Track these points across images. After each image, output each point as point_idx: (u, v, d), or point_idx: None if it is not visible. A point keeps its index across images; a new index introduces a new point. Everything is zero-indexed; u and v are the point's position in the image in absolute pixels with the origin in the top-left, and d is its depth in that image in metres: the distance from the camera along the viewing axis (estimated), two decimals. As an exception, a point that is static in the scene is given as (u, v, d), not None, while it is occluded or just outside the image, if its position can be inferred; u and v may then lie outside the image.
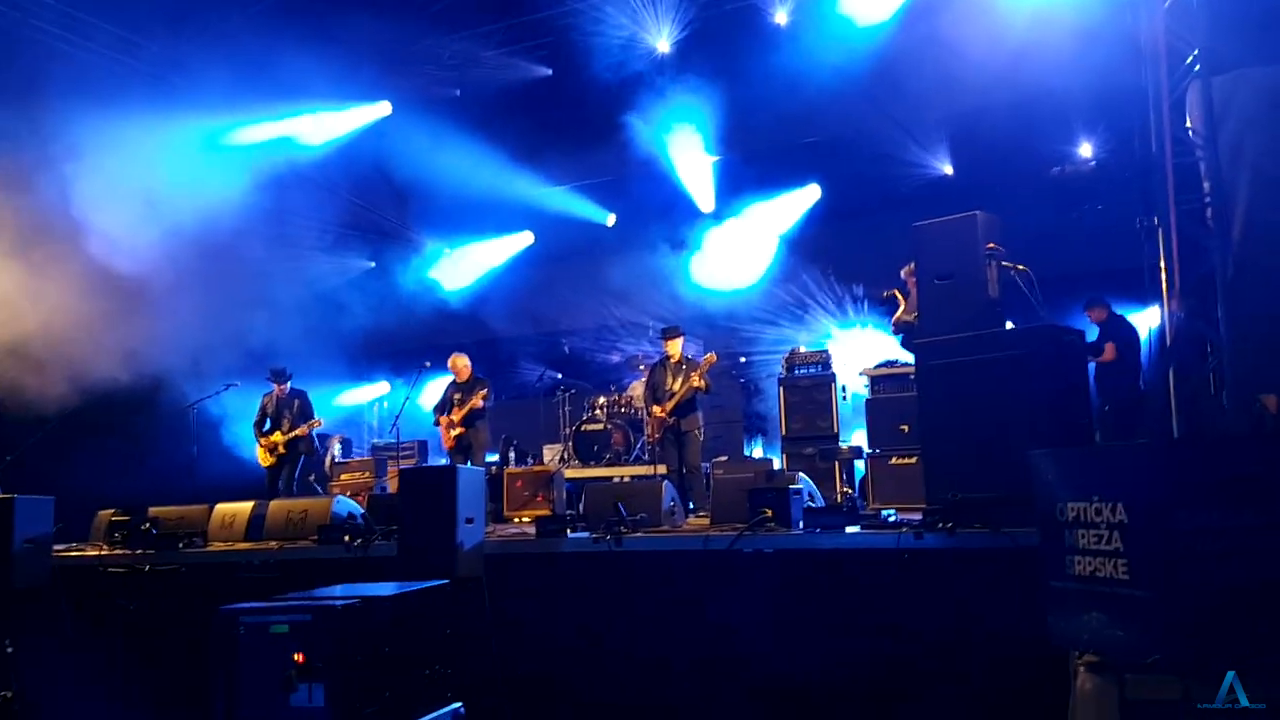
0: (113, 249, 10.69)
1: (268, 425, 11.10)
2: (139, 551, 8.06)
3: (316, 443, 11.65)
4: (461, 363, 10.88)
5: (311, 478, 12.83)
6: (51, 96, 10.19)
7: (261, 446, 11.13)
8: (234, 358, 11.72)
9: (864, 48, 11.42)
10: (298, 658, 3.74)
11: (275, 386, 11.18)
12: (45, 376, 10.29)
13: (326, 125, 13.31)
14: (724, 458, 10.70)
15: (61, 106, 10.19)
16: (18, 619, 7.33)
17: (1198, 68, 5.47)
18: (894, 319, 9.26)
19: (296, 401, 11.13)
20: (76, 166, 10.48)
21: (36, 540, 7.48)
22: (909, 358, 9.01)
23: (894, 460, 9.09)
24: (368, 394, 15.85)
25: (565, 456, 12.32)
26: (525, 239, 15.70)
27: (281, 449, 10.98)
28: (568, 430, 12.61)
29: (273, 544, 7.88)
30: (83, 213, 10.61)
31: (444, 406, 10.74)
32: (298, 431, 10.93)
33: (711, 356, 9.89)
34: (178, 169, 11.48)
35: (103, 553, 8.31)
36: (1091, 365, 9.60)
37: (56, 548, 8.04)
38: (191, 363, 11.60)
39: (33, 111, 10.04)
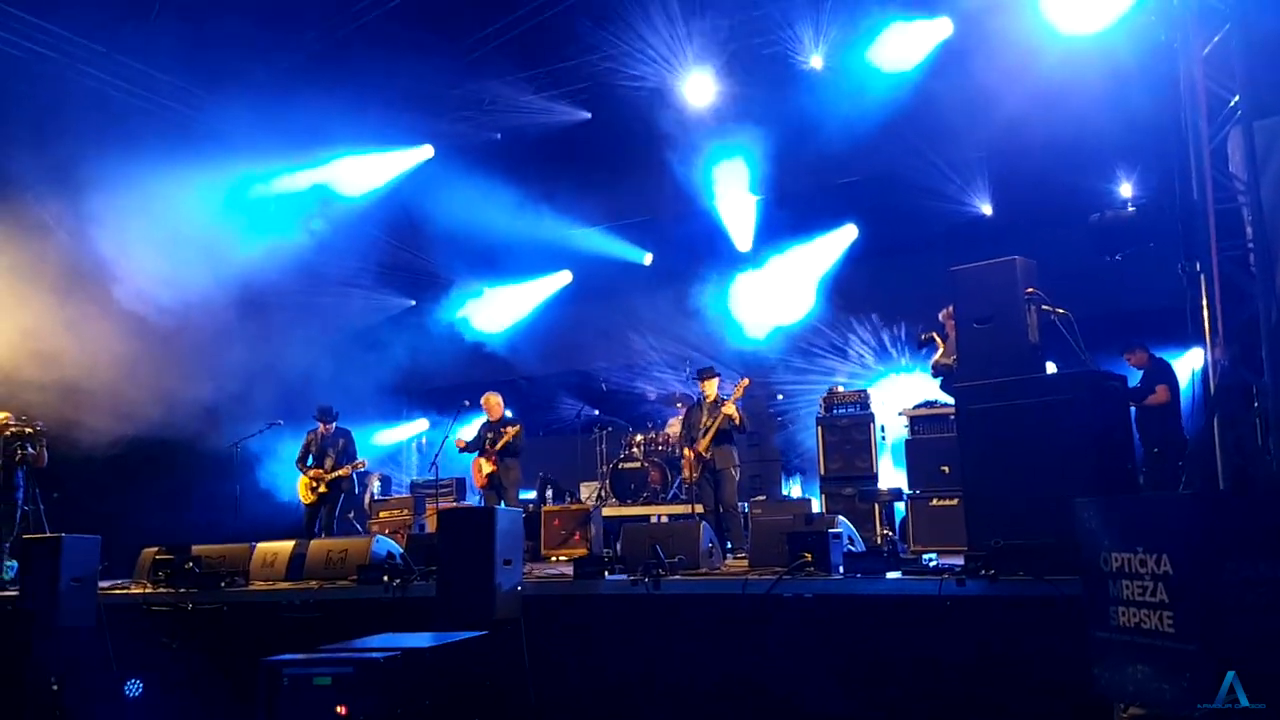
0: (157, 291, 10.96)
1: (310, 461, 11.21)
2: (182, 590, 8.15)
3: (356, 483, 11.74)
4: (493, 401, 11.01)
5: (350, 515, 12.96)
6: (99, 142, 10.47)
7: (305, 480, 11.18)
8: (275, 397, 11.90)
9: (898, 90, 11.50)
10: (340, 710, 3.78)
11: (320, 425, 11.30)
12: (92, 417, 10.51)
13: (370, 171, 13.57)
14: (762, 497, 10.68)
15: (108, 152, 10.47)
16: (64, 656, 7.45)
17: (1239, 113, 5.44)
18: (932, 361, 9.22)
19: (341, 441, 11.24)
20: (121, 211, 10.76)
21: (83, 579, 7.63)
22: (948, 398, 8.95)
23: (934, 502, 8.99)
24: (407, 432, 15.98)
25: (602, 494, 12.32)
26: (563, 278, 15.82)
27: (323, 487, 11.06)
28: (605, 468, 12.63)
29: (313, 583, 7.95)
30: (127, 257, 10.90)
31: (476, 445, 10.83)
32: (341, 472, 11.03)
33: (745, 381, 9.90)
34: (221, 214, 11.79)
35: (147, 591, 8.42)
36: (1133, 410, 9.53)
37: (102, 585, 8.16)
38: (234, 403, 11.80)
39: (80, 157, 10.33)
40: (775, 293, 14.14)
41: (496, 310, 15.90)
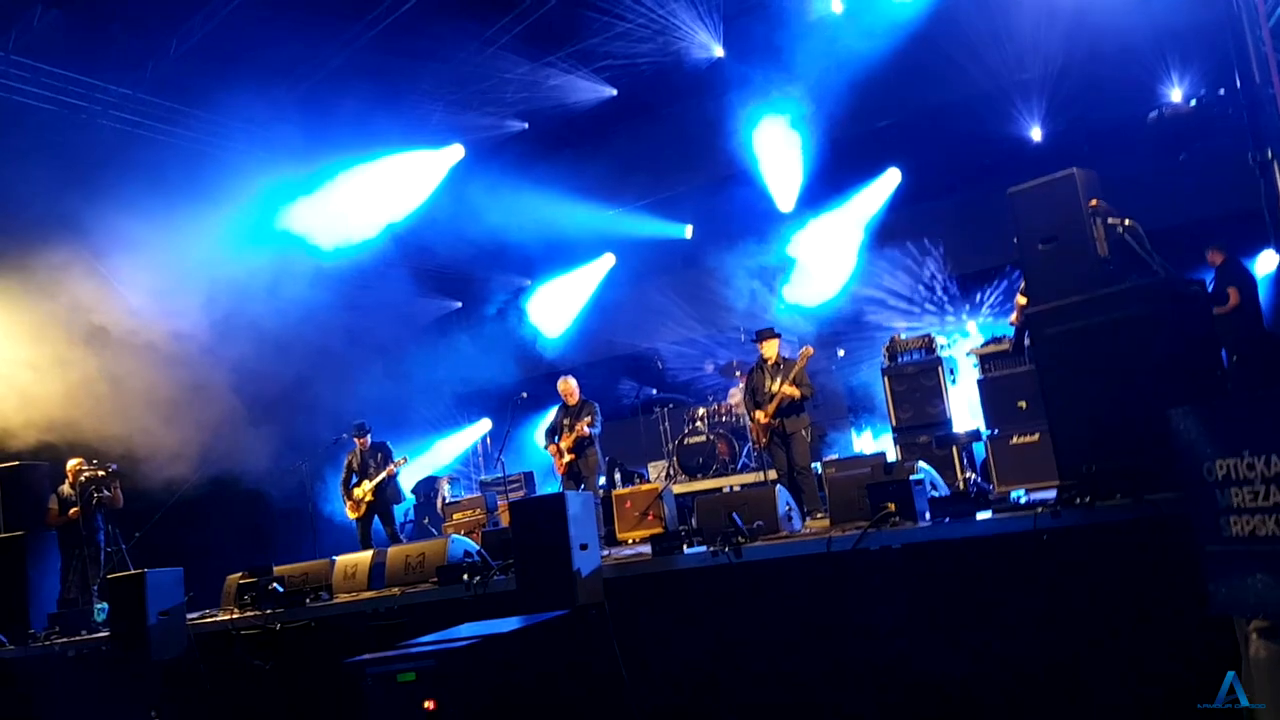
0: (196, 330, 11.03)
1: (354, 480, 11.23)
2: (269, 611, 8.18)
3: (400, 487, 11.71)
4: (569, 386, 10.89)
5: (426, 521, 13.00)
6: (132, 185, 10.56)
7: (349, 501, 11.23)
8: (334, 417, 11.97)
9: (923, 21, 11.14)
10: (428, 705, 3.67)
11: (358, 442, 11.31)
12: (159, 457, 10.64)
13: (406, 182, 13.55)
14: (835, 455, 10.45)
15: (140, 196, 10.55)
16: (160, 689, 7.51)
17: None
18: (1013, 318, 8.78)
19: (379, 454, 11.25)
20: (156, 252, 10.84)
21: (171, 611, 7.69)
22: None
23: (1015, 439, 8.75)
24: (471, 434, 16.00)
25: (671, 472, 12.19)
26: (607, 261, 15.68)
27: (370, 496, 11.06)
28: (670, 446, 12.49)
29: (395, 590, 7.92)
30: (164, 298, 11.00)
31: (554, 432, 10.76)
32: (383, 474, 11.05)
33: (808, 349, 9.69)
34: (258, 243, 11.84)
35: (234, 616, 8.46)
36: None
37: (190, 616, 8.23)
38: (295, 428, 11.90)
39: (114, 203, 10.43)
40: (824, 250, 13.86)
41: (543, 302, 15.84)
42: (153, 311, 11.05)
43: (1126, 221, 6.43)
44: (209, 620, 8.57)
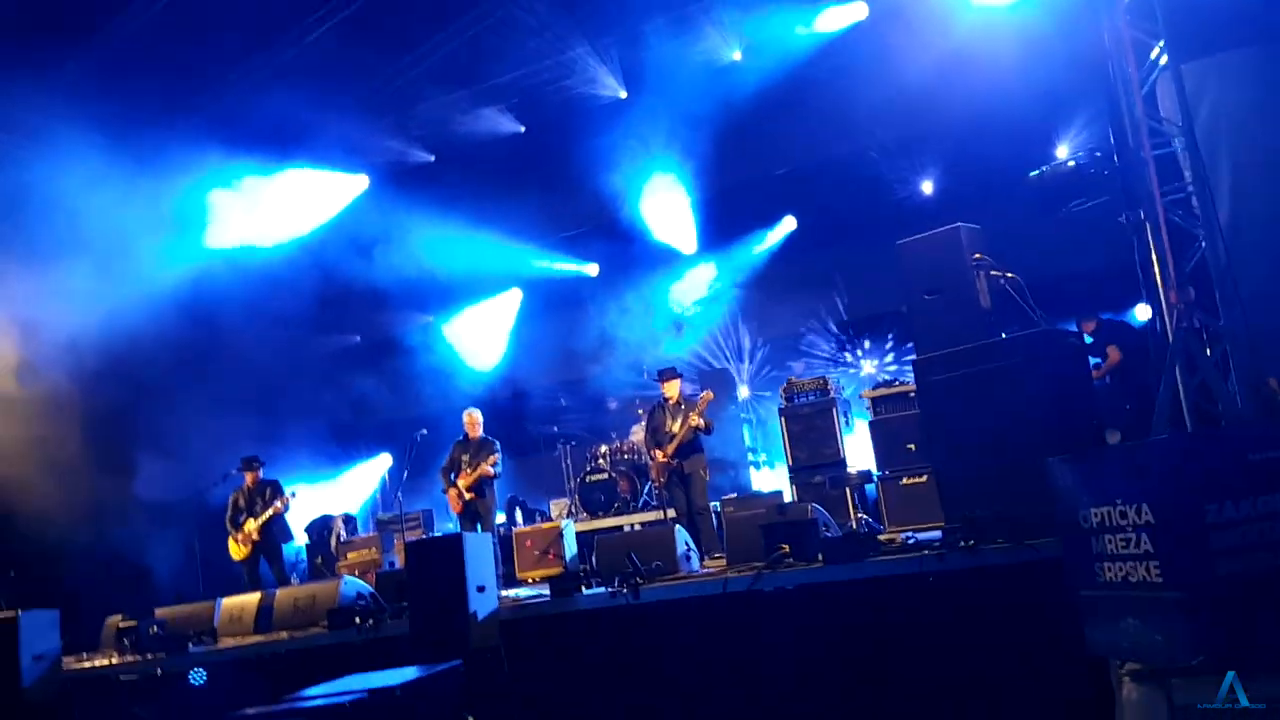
0: (70, 359, 10.61)
1: (240, 518, 10.65)
2: (149, 656, 7.87)
3: (289, 526, 11.26)
4: (474, 418, 10.45)
5: (319, 560, 12.63)
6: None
7: (234, 539, 10.63)
8: (229, 450, 11.58)
9: (823, 73, 11.52)
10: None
11: (247, 477, 10.76)
12: (38, 489, 10.15)
13: (310, 209, 13.29)
14: (732, 495, 10.57)
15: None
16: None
17: (1165, 58, 5.45)
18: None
19: (268, 489, 10.69)
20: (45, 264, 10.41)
21: (45, 655, 7.31)
22: (907, 377, 8.92)
23: (904, 480, 9.01)
24: (369, 470, 15.67)
25: (573, 510, 12.15)
26: (514, 297, 15.64)
27: (255, 535, 10.50)
28: (573, 483, 12.45)
29: (283, 634, 7.71)
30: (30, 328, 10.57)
31: (451, 468, 10.34)
32: (270, 511, 10.46)
33: (708, 394, 9.79)
34: (155, 267, 11.43)
35: (113, 661, 8.12)
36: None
37: (66, 659, 7.85)
38: (187, 460, 11.48)
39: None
40: (718, 291, 14.17)
41: (445, 335, 15.67)
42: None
43: (1009, 274, 6.73)
44: (86, 665, 8.20)
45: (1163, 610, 3.79)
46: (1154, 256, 5.39)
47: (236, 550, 10.65)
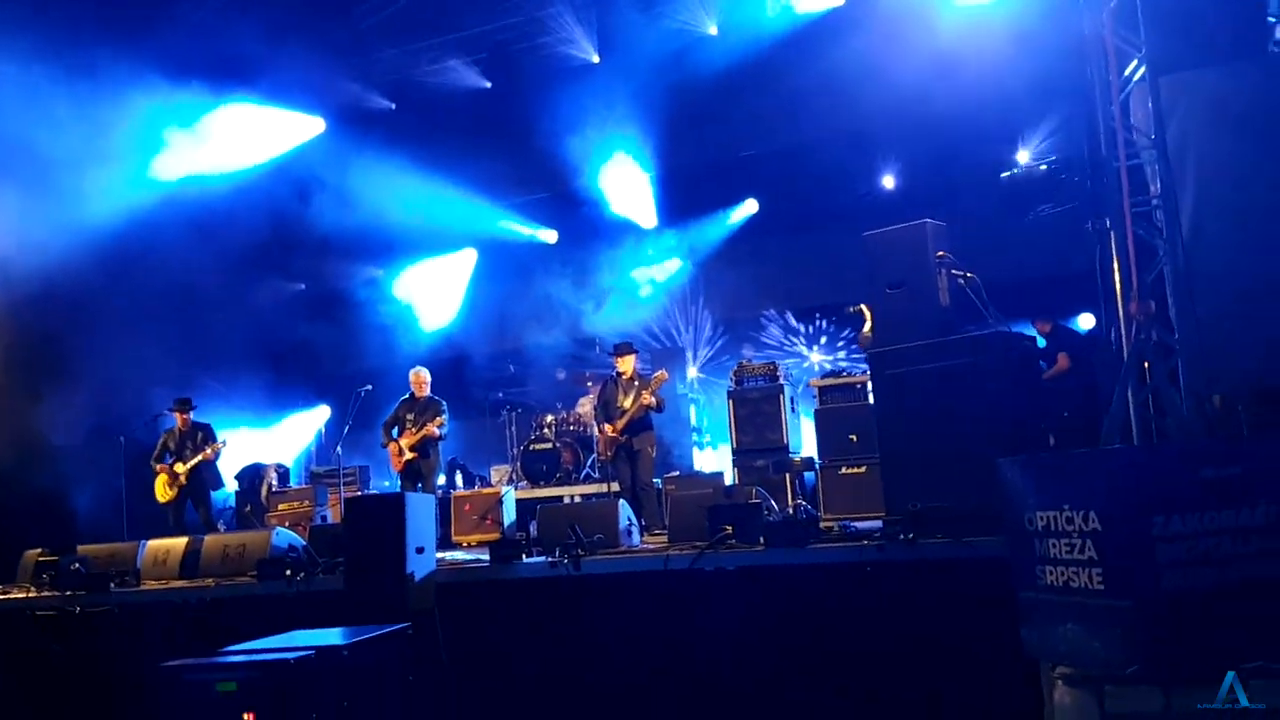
0: (32, 278, 10.22)
1: (168, 459, 10.43)
2: (68, 593, 7.65)
3: (219, 472, 11.01)
4: (421, 377, 10.26)
5: (248, 509, 12.40)
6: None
7: (160, 475, 10.37)
8: (163, 389, 11.27)
9: (796, 62, 11.47)
10: (247, 717, 3.46)
11: (178, 418, 10.50)
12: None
13: (258, 140, 12.93)
14: (676, 473, 10.57)
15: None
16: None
17: (1142, 70, 5.48)
18: (862, 334, 9.08)
19: (200, 434, 10.45)
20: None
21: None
22: (857, 369, 8.95)
23: (844, 470, 9.07)
24: (307, 421, 15.39)
25: (514, 477, 12.07)
26: (468, 256, 15.41)
27: (183, 479, 10.28)
28: (515, 450, 12.36)
29: (209, 581, 7.54)
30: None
31: (394, 424, 10.19)
32: (200, 456, 10.25)
33: (662, 374, 9.74)
34: (98, 195, 11.01)
35: (30, 595, 7.88)
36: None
37: (-21, 593, 7.62)
38: (118, 396, 11.14)
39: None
40: (677, 269, 14.11)
41: (395, 291, 15.42)
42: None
43: (968, 274, 6.77)
44: (1, 597, 7.96)
45: (1102, 618, 3.83)
46: (1115, 266, 5.44)
47: (163, 492, 10.39)
